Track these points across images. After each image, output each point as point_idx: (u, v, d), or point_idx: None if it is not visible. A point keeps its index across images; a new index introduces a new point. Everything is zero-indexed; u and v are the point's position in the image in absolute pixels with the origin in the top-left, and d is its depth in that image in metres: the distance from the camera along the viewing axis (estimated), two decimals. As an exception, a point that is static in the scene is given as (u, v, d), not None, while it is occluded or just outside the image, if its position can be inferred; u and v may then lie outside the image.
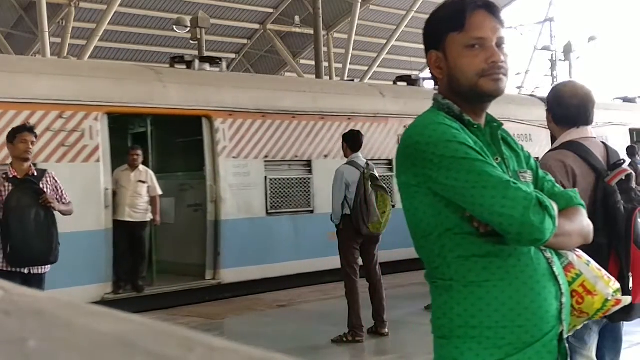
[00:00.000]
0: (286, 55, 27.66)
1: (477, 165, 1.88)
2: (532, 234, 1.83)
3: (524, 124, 13.16)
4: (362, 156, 7.02)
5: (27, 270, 5.50)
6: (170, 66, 10.56)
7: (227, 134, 9.55)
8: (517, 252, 1.94)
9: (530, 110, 13.63)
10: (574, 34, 41.74)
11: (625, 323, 3.28)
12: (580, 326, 2.14)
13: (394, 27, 26.98)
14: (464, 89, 2.01)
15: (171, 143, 10.65)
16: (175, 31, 20.09)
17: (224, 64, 10.71)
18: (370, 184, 6.71)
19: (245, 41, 27.71)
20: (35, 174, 5.63)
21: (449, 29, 2.03)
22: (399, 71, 31.55)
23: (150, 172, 9.15)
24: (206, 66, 10.35)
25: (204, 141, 9.41)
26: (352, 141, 7.04)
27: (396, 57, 29.75)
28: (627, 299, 2.21)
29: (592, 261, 2.16)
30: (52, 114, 8.17)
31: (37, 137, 5.84)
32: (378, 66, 28.10)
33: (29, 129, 5.66)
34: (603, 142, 3.31)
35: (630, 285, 2.99)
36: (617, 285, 2.16)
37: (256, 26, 26.78)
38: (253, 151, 9.80)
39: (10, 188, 5.48)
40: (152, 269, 9.54)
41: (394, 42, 27.37)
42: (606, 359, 3.28)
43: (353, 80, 16.71)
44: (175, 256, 10.12)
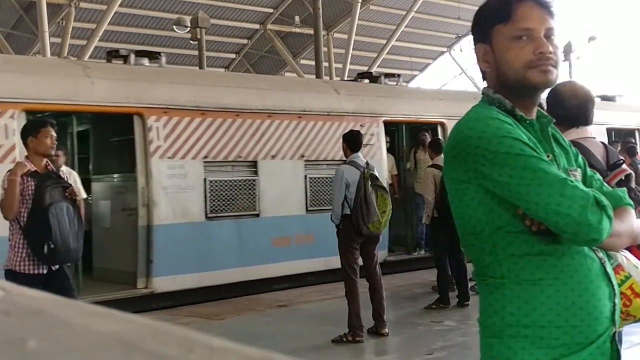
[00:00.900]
0: (286, 55, 27.66)
1: (532, 162, 1.82)
2: (589, 233, 1.79)
3: None
4: (362, 156, 7.02)
5: (46, 269, 5.15)
6: (107, 61, 10.04)
7: (161, 132, 8.94)
8: (570, 251, 1.90)
9: None
10: (574, 33, 41.71)
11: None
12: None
13: (394, 27, 26.97)
14: (512, 82, 1.96)
15: (108, 143, 10.06)
16: (176, 31, 20.08)
17: (163, 58, 10.00)
18: (370, 183, 6.71)
19: (245, 41, 27.71)
20: (53, 168, 5.39)
21: (495, 20, 2.00)
22: (399, 71, 31.63)
23: (74, 174, 8.36)
24: (144, 61, 9.73)
25: (135, 140, 8.84)
26: (351, 141, 7.03)
27: (396, 57, 29.75)
28: None
29: None
30: None
31: None
32: (378, 66, 28.09)
33: (52, 123, 5.38)
34: (603, 143, 3.31)
35: (630, 285, 2.99)
36: None
37: (256, 26, 26.77)
38: (191, 151, 9.18)
39: (33, 183, 5.13)
40: (79, 277, 8.69)
41: (394, 42, 27.37)
42: (606, 359, 3.28)
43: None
44: (109, 263, 9.56)
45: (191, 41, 19.32)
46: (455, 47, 32.31)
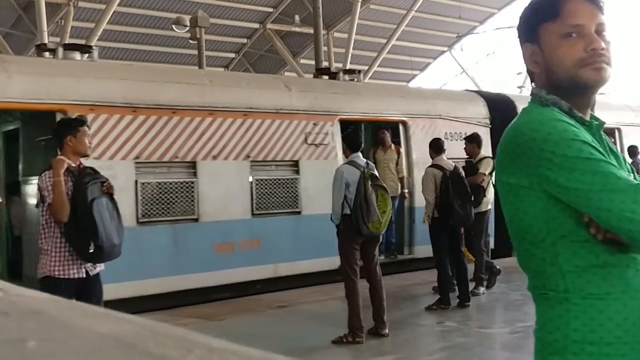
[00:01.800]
0: (286, 54, 27.65)
1: (603, 167, 1.72)
2: None
3: (459, 121, 12.19)
4: (362, 156, 7.02)
5: (85, 272, 4.95)
6: (37, 55, 9.53)
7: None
8: (635, 262, 1.80)
9: (466, 106, 12.62)
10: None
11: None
12: None
13: (394, 27, 26.96)
14: (564, 81, 1.87)
15: (36, 142, 9.45)
16: (175, 30, 20.08)
17: (95, 52, 9.46)
18: (370, 183, 6.70)
19: (244, 40, 27.70)
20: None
21: (542, 18, 1.90)
22: (400, 71, 31.65)
23: None
24: (75, 55, 9.20)
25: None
26: (351, 141, 7.03)
27: (396, 57, 29.74)
28: None
29: None
30: None
31: None
32: (378, 65, 28.09)
33: (86, 122, 5.23)
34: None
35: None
36: None
37: (256, 25, 26.77)
38: (120, 151, 8.60)
39: (71, 181, 4.93)
40: None
41: (394, 42, 27.37)
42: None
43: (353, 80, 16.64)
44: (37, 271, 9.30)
45: (190, 40, 19.33)
46: (456, 47, 32.30)
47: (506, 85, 33.50)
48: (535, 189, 1.80)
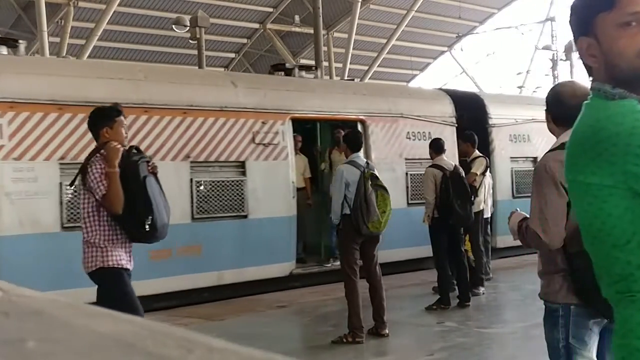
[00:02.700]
0: (286, 54, 27.65)
1: None
2: None
3: (422, 120, 11.61)
4: (362, 156, 7.02)
5: (131, 264, 4.81)
6: None
7: (5, 130, 7.81)
8: None
9: (430, 105, 12.04)
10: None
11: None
12: None
13: (394, 27, 26.98)
14: (626, 74, 1.75)
15: None
16: (175, 31, 20.09)
17: (21, 46, 9.01)
18: (370, 183, 6.70)
19: (244, 40, 27.72)
20: None
21: (597, 9, 1.79)
22: (400, 71, 31.66)
23: None
24: (2, 49, 8.80)
25: None
26: (351, 141, 7.04)
27: (397, 57, 29.75)
28: None
29: None
30: None
31: None
32: (378, 66, 28.11)
33: (122, 111, 4.92)
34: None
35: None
36: None
37: (256, 25, 26.78)
38: (43, 152, 8.02)
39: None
40: None
41: (394, 42, 27.38)
42: (606, 359, 3.28)
43: (353, 80, 16.62)
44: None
45: (190, 40, 19.32)
46: (456, 47, 32.32)
47: (506, 85, 33.52)
48: (620, 187, 1.69)
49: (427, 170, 8.47)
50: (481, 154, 9.43)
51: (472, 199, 8.53)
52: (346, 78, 20.16)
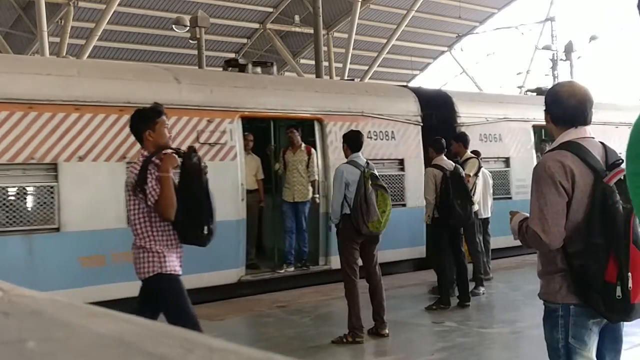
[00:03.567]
0: (286, 54, 27.66)
1: None
2: None
3: (385, 119, 11.01)
4: (362, 156, 7.02)
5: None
6: None
7: None
8: None
9: (393, 103, 11.44)
10: (575, 33, 41.64)
11: (626, 324, 3.28)
12: None
13: (395, 27, 26.98)
14: None
15: None
16: (175, 30, 20.09)
17: None
18: (370, 183, 6.71)
19: (244, 40, 27.72)
20: None
21: None
22: (400, 71, 31.66)
23: None
24: None
25: None
26: (352, 141, 7.04)
27: (397, 57, 29.76)
28: None
29: None
30: None
31: None
32: (378, 66, 28.11)
33: (163, 111, 4.77)
34: (601, 142, 3.31)
35: (630, 285, 2.99)
36: None
37: (256, 25, 26.78)
38: None
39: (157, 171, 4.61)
40: None
41: (394, 42, 27.38)
42: (606, 359, 3.28)
43: (353, 80, 16.60)
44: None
45: (190, 40, 19.33)
46: (456, 47, 32.32)
47: (506, 85, 33.50)
48: None
49: (428, 170, 8.47)
50: (473, 155, 9.35)
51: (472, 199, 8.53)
52: (346, 78, 20.17)
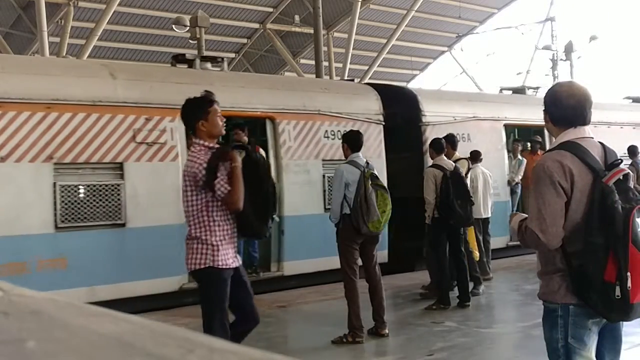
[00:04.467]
0: (286, 54, 27.67)
1: None
2: None
3: (343, 117, 10.48)
4: (362, 156, 7.01)
5: (238, 261, 4.72)
6: None
7: None
8: None
9: (352, 101, 10.88)
10: (575, 33, 41.65)
11: (626, 324, 3.28)
12: None
13: (395, 27, 26.98)
14: None
15: None
16: (175, 30, 20.09)
17: None
18: (370, 182, 6.71)
19: (244, 40, 27.72)
20: None
21: None
22: (400, 71, 31.66)
23: None
24: None
25: None
26: (352, 141, 7.03)
27: (397, 57, 29.76)
28: None
29: None
30: None
31: None
32: (378, 66, 28.10)
33: (215, 99, 4.71)
34: (600, 142, 3.31)
35: (629, 285, 2.99)
36: None
37: (256, 25, 26.79)
38: None
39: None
40: None
41: (394, 42, 27.38)
42: (606, 359, 3.28)
43: (353, 80, 16.58)
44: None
45: (190, 40, 19.26)
46: (456, 47, 32.32)
47: (506, 85, 33.45)
48: None
49: (428, 170, 8.47)
50: (463, 156, 9.33)
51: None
52: (346, 78, 20.17)
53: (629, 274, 2.99)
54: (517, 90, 14.69)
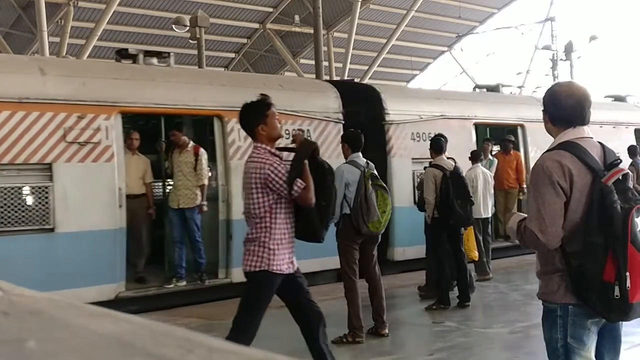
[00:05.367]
0: (286, 54, 27.68)
1: None
2: None
3: (299, 116, 9.98)
4: (362, 156, 7.01)
5: (293, 268, 4.71)
6: None
7: None
8: None
9: (308, 98, 10.40)
10: (575, 33, 41.65)
11: (625, 323, 3.28)
12: None
13: (395, 27, 26.99)
14: None
15: None
16: (175, 30, 20.10)
17: None
18: (370, 183, 6.71)
19: (244, 40, 27.73)
20: None
21: None
22: (400, 71, 31.67)
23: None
24: None
25: None
26: (352, 141, 7.04)
27: (397, 57, 29.76)
28: None
29: None
30: None
31: None
32: (378, 66, 28.11)
33: (271, 103, 4.66)
34: (600, 142, 3.31)
35: (628, 284, 2.99)
36: None
37: (256, 25, 26.80)
38: None
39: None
40: None
41: (394, 42, 27.39)
42: (605, 359, 3.28)
43: (353, 80, 16.58)
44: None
45: (190, 40, 19.34)
46: (456, 47, 32.32)
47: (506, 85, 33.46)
48: None
49: (427, 170, 8.47)
50: (450, 157, 9.28)
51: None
52: (346, 78, 20.18)
53: (628, 273, 2.99)
54: (491, 89, 14.29)
